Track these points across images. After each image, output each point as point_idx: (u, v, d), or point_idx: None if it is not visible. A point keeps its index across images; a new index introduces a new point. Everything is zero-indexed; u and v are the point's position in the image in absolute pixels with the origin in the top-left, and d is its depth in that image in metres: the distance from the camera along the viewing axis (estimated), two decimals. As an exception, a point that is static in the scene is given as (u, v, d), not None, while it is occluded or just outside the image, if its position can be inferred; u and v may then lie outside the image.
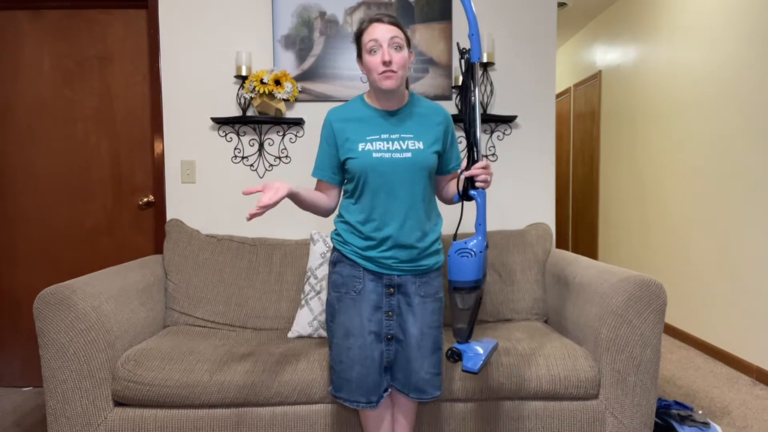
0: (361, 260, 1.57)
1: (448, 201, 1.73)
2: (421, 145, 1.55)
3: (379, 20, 1.50)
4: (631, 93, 4.28)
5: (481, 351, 1.51)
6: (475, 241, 1.48)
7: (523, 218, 2.66)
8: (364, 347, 1.54)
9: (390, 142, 1.54)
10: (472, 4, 2.59)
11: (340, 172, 1.63)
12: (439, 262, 1.64)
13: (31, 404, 2.54)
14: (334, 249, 1.63)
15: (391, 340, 1.58)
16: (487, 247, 1.51)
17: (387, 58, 1.47)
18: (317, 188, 1.67)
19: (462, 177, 1.52)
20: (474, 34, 1.48)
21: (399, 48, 1.49)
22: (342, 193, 1.68)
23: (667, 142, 3.73)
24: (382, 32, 1.48)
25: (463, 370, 1.48)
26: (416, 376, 1.56)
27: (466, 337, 1.54)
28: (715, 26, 3.21)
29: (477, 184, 1.49)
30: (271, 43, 2.59)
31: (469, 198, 1.52)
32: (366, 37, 1.50)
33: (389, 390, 1.61)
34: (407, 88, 1.67)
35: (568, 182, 5.73)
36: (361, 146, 1.54)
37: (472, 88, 1.49)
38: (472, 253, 1.48)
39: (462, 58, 1.51)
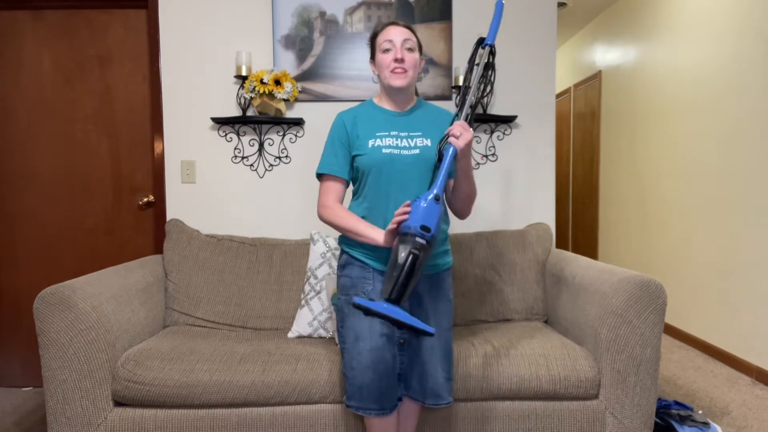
0: (371, 260, 1.56)
1: (459, 210, 1.65)
2: (429, 143, 1.57)
3: (394, 23, 1.58)
4: (631, 93, 4.28)
5: (385, 310, 1.31)
6: (432, 192, 1.39)
7: (523, 218, 2.66)
8: (375, 350, 1.51)
9: (399, 139, 1.56)
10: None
11: (351, 168, 1.62)
12: (449, 263, 1.65)
13: (31, 404, 2.54)
14: (343, 252, 1.62)
15: (403, 345, 1.57)
16: (438, 200, 1.38)
17: (399, 56, 1.53)
18: (327, 187, 1.61)
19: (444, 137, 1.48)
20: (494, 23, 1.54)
21: (411, 50, 1.56)
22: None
23: (667, 142, 3.73)
24: (396, 34, 1.55)
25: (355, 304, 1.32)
26: (432, 379, 1.55)
27: (388, 296, 1.34)
28: (714, 26, 3.21)
29: (449, 139, 1.42)
30: (271, 43, 2.59)
31: (441, 158, 1.44)
32: (381, 38, 1.57)
33: (402, 400, 1.60)
34: (416, 94, 1.70)
35: (568, 182, 5.73)
36: (370, 143, 1.55)
37: (478, 62, 1.52)
38: (423, 200, 1.37)
39: (478, 44, 1.54)
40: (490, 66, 1.52)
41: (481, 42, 1.54)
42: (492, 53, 1.52)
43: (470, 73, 1.53)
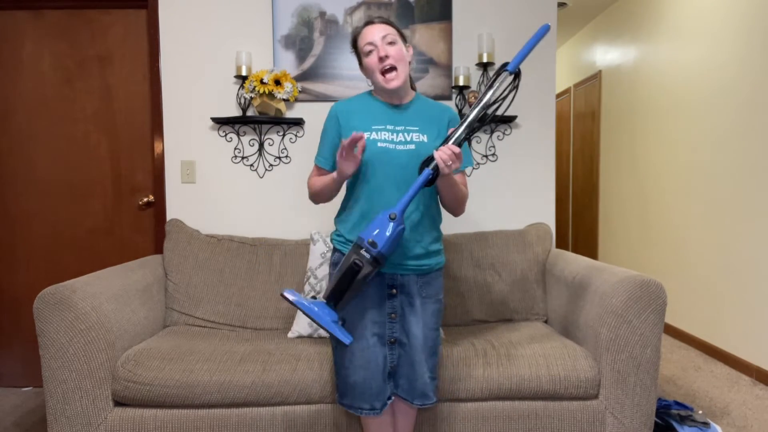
0: None
1: (449, 210, 1.65)
2: (425, 138, 1.54)
3: (369, 23, 1.54)
4: (631, 93, 4.28)
5: (308, 310, 1.35)
6: (391, 211, 1.40)
7: (523, 218, 2.66)
8: (366, 350, 1.52)
9: (395, 134, 1.54)
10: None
11: None
12: (441, 263, 1.64)
13: (31, 404, 2.54)
14: (335, 250, 1.62)
15: (394, 344, 1.57)
16: (393, 219, 1.38)
17: (382, 54, 1.49)
18: (314, 171, 1.67)
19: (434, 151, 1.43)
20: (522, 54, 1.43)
21: (393, 43, 1.51)
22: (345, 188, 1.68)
23: (667, 141, 3.73)
24: (373, 33, 1.51)
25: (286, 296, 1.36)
26: (421, 380, 1.56)
27: (326, 297, 1.39)
28: (714, 26, 3.21)
29: (438, 162, 1.38)
30: (271, 43, 2.59)
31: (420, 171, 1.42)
32: (361, 42, 1.54)
33: (392, 398, 1.60)
34: (413, 88, 1.67)
35: (568, 182, 5.73)
36: (366, 135, 1.53)
37: (489, 88, 1.43)
38: (383, 214, 1.39)
39: (502, 67, 1.45)
40: (509, 91, 1.42)
41: (504, 66, 1.42)
42: (516, 83, 1.40)
43: (483, 96, 1.43)
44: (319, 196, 1.62)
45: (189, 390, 1.75)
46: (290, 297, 1.34)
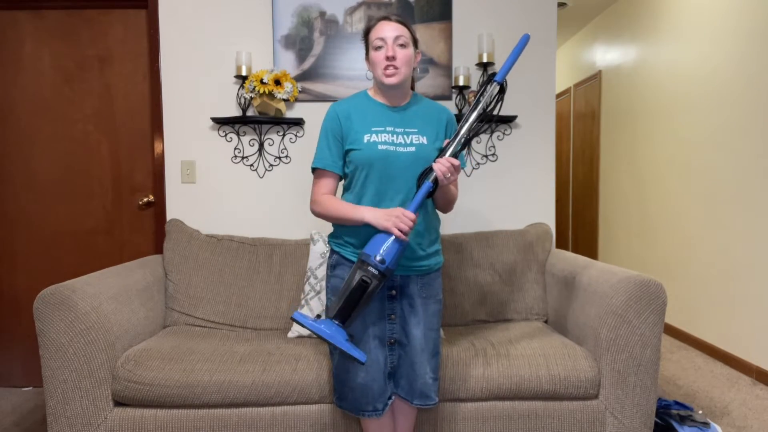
0: None
1: (438, 208, 1.67)
2: (424, 140, 1.54)
3: (386, 18, 1.54)
4: (631, 93, 4.28)
5: (320, 331, 1.36)
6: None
7: (523, 218, 2.66)
8: (367, 352, 1.52)
9: (395, 135, 1.53)
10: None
11: (344, 162, 1.60)
12: (440, 263, 1.64)
13: (31, 404, 2.54)
14: (333, 252, 1.61)
15: (393, 345, 1.56)
16: (402, 243, 1.41)
17: (390, 53, 1.49)
18: (319, 181, 1.61)
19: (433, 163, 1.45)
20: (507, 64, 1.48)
21: (404, 46, 1.52)
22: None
23: (667, 141, 3.73)
24: (388, 30, 1.51)
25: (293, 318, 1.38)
26: (421, 380, 1.55)
27: (332, 316, 1.40)
28: (714, 26, 3.21)
29: (437, 174, 1.41)
30: (271, 43, 2.59)
31: (419, 185, 1.45)
32: (373, 35, 1.54)
33: (393, 398, 1.59)
34: (412, 88, 1.67)
35: (568, 182, 5.73)
36: (366, 137, 1.52)
37: (480, 98, 1.48)
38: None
39: (490, 78, 1.50)
40: (496, 102, 1.46)
41: (492, 77, 1.47)
42: (502, 91, 1.45)
43: (475, 107, 1.46)
44: (325, 218, 1.57)
45: (189, 390, 1.75)
46: (301, 321, 1.36)
